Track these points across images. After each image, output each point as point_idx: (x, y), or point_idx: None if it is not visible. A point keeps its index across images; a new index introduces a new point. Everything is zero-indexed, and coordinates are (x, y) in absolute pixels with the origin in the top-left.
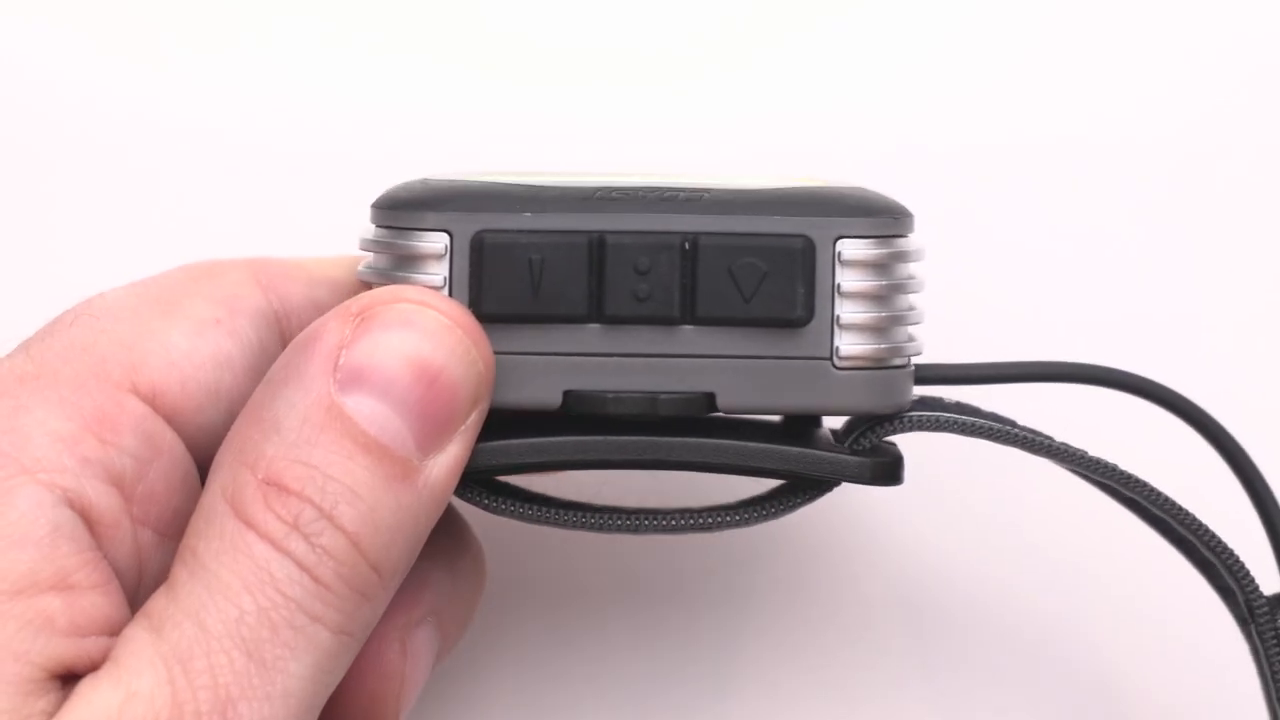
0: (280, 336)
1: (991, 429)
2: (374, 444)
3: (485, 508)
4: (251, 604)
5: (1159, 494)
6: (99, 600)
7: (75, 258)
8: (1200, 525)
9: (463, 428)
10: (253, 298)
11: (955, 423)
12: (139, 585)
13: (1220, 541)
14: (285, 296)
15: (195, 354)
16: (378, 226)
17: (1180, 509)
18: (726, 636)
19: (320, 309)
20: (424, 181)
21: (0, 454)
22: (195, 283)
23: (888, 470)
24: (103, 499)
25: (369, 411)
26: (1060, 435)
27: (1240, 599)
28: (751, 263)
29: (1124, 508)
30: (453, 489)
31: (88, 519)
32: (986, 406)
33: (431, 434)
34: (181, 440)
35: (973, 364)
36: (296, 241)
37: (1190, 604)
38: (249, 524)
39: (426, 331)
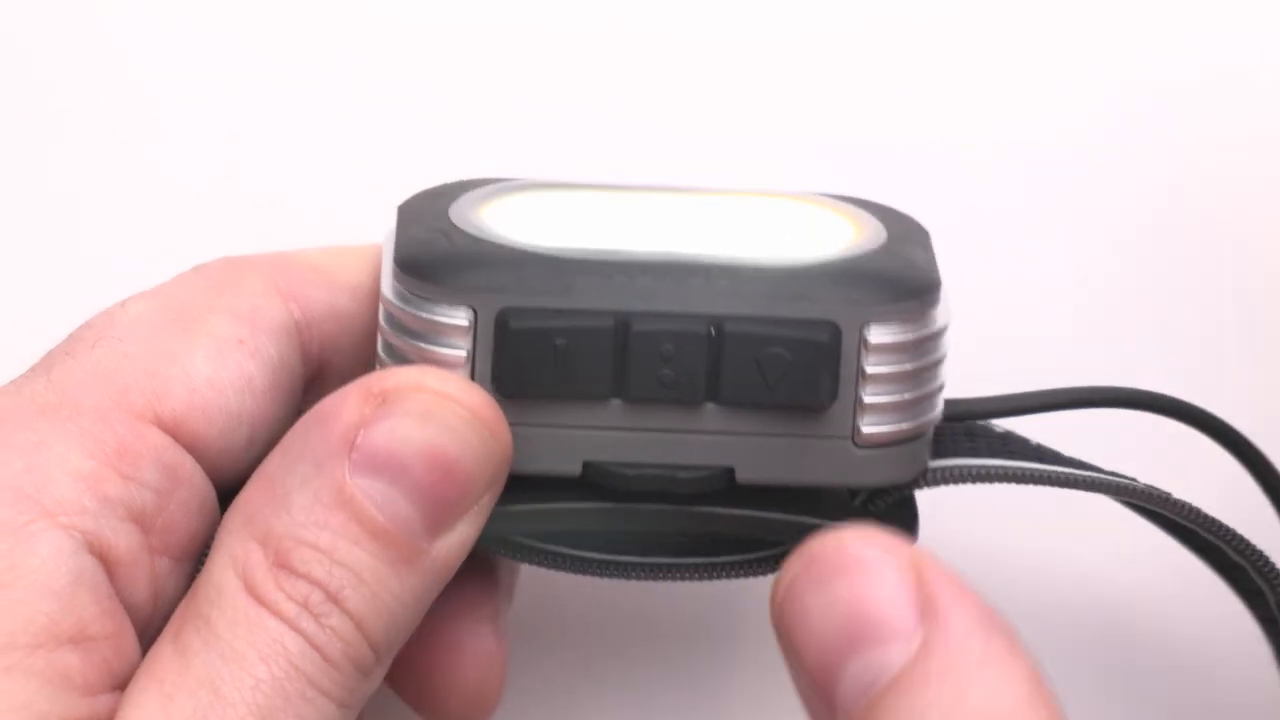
0: (300, 348)
1: (1004, 473)
2: (382, 530)
3: (497, 554)
4: (266, 673)
5: (1185, 505)
6: (110, 654)
7: (84, 241)
8: (1228, 531)
9: (475, 510)
10: (274, 310)
11: (972, 474)
12: (153, 615)
13: (1249, 544)
14: (306, 304)
15: (217, 379)
16: (399, 285)
17: (1208, 517)
18: (726, 657)
19: (340, 317)
20: (449, 238)
21: (21, 495)
22: (217, 295)
23: (904, 529)
24: (122, 540)
25: (380, 498)
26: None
27: (1270, 599)
28: (777, 352)
29: (1145, 519)
30: (460, 563)
31: (106, 562)
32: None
33: (441, 520)
34: (201, 466)
35: (997, 397)
36: (309, 221)
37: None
38: (261, 602)
39: (446, 425)
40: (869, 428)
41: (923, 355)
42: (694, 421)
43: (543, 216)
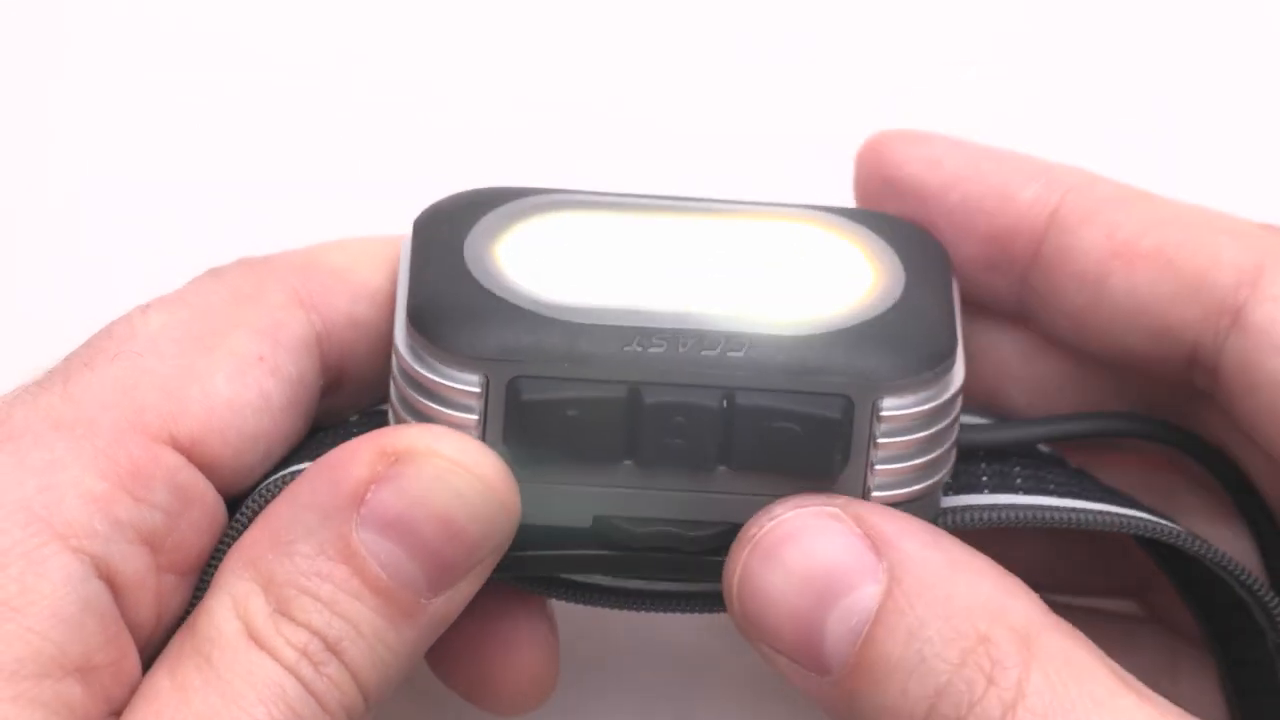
0: (320, 360)
1: (1015, 515)
2: (384, 588)
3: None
4: (265, 715)
5: (1219, 552)
6: (109, 681)
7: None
8: (1239, 567)
9: (478, 570)
10: (295, 324)
11: (982, 518)
12: (155, 631)
13: (1259, 582)
14: (326, 314)
15: (237, 400)
16: (411, 340)
17: (1237, 565)
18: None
19: (359, 325)
20: (461, 289)
21: (34, 516)
22: (238, 307)
23: None
24: (130, 563)
25: (385, 556)
26: None
27: (1270, 639)
28: (788, 427)
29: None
30: (458, 614)
31: (113, 585)
32: None
33: (444, 580)
34: (214, 484)
35: (1013, 423)
36: (320, 210)
37: None
38: (262, 646)
39: (457, 492)
40: (880, 491)
41: (936, 422)
42: (704, 482)
43: (557, 255)
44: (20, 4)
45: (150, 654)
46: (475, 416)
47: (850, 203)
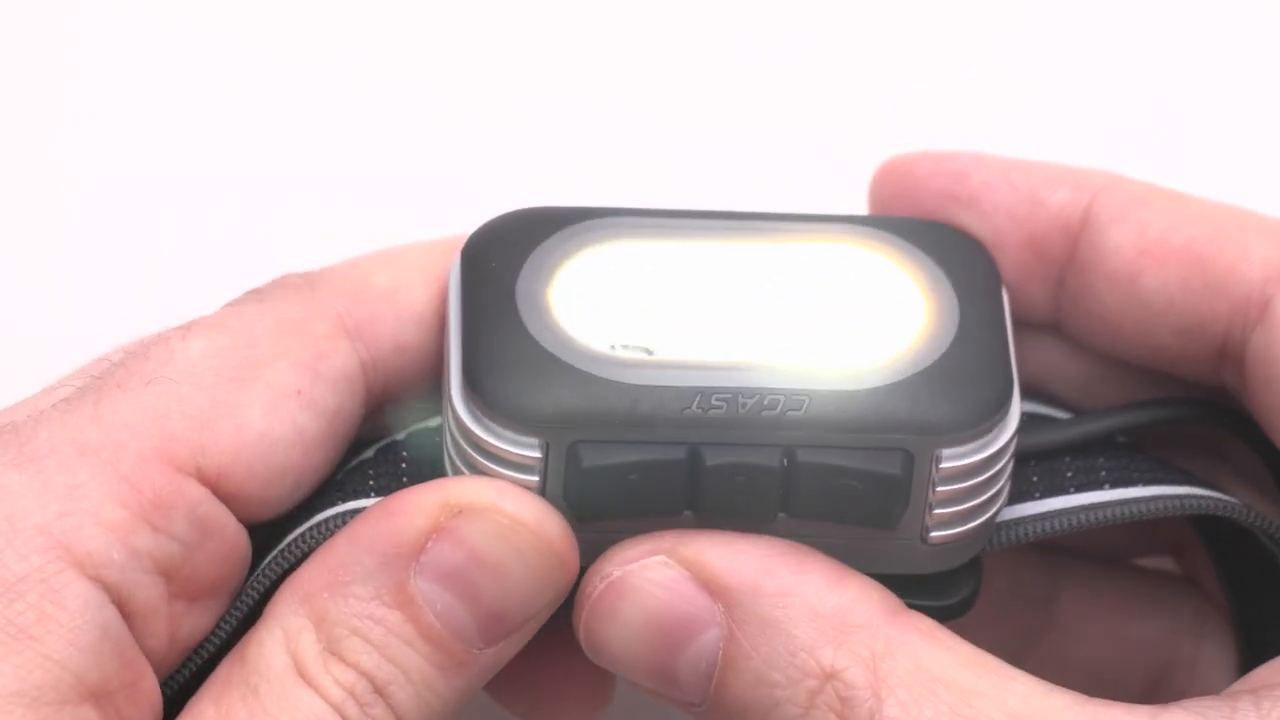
0: (364, 390)
1: (1067, 520)
2: (437, 637)
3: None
4: None
5: (1252, 512)
6: (124, 705)
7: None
8: None
9: (532, 622)
10: (339, 356)
11: (1035, 530)
12: (167, 655)
13: None
14: (373, 342)
15: (269, 434)
16: (467, 400)
17: (1271, 522)
18: None
19: (406, 351)
20: (516, 347)
21: (53, 542)
22: (281, 338)
23: (962, 608)
24: (144, 591)
25: (440, 605)
26: None
27: None
28: (849, 484)
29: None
30: (507, 661)
31: (127, 613)
32: None
33: (497, 632)
34: (237, 515)
35: (1067, 423)
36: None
37: None
38: (309, 683)
39: (517, 550)
40: (937, 531)
41: (994, 464)
42: (763, 528)
43: (610, 300)
44: (56, 13)
45: (164, 675)
46: (535, 478)
47: (854, 206)
